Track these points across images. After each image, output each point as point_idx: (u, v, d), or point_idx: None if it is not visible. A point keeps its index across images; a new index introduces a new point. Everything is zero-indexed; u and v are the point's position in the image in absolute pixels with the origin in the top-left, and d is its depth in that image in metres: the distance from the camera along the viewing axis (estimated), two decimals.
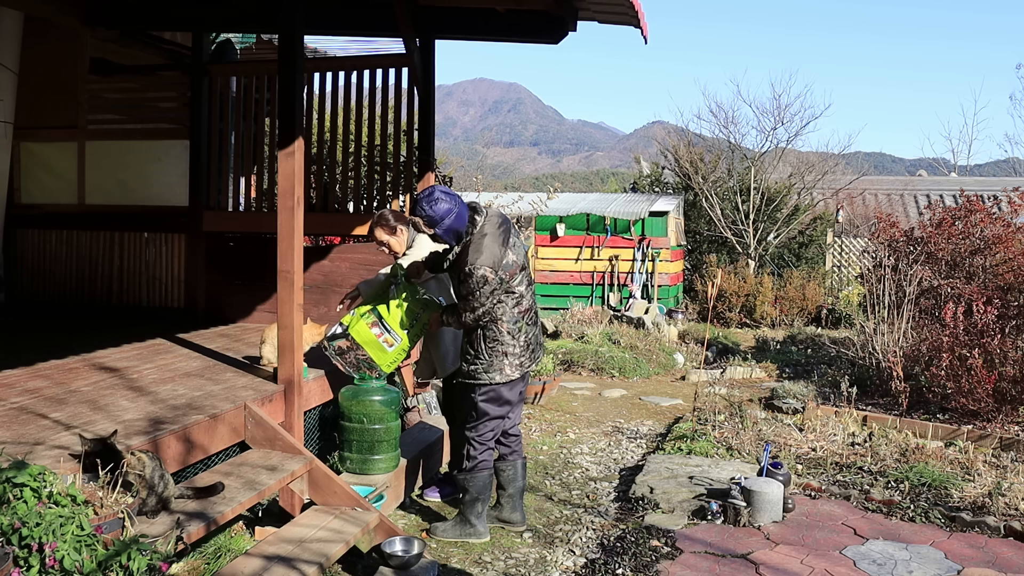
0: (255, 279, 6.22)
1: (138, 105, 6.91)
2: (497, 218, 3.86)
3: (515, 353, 3.87)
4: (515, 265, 3.82)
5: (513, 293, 3.83)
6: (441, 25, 5.73)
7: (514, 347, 3.86)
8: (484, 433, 3.99)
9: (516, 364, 3.88)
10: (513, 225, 4.00)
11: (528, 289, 3.91)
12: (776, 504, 4.20)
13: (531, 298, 3.94)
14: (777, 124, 16.45)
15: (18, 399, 3.69)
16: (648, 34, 4.24)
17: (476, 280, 3.68)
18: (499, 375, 3.87)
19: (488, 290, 3.71)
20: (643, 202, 14.06)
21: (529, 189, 22.57)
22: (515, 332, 3.85)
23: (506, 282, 3.78)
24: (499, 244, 3.76)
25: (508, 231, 3.85)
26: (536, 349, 3.99)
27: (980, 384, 5.74)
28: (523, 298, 3.87)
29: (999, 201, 8.32)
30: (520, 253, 3.89)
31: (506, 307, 3.82)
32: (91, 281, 6.64)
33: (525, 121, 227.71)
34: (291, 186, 4.09)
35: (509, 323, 3.83)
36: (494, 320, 3.82)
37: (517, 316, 3.85)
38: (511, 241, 3.83)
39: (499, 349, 3.85)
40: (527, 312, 3.90)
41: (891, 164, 73.15)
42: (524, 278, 3.89)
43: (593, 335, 10.08)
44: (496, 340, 3.84)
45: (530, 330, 3.93)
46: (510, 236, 3.85)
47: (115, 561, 2.37)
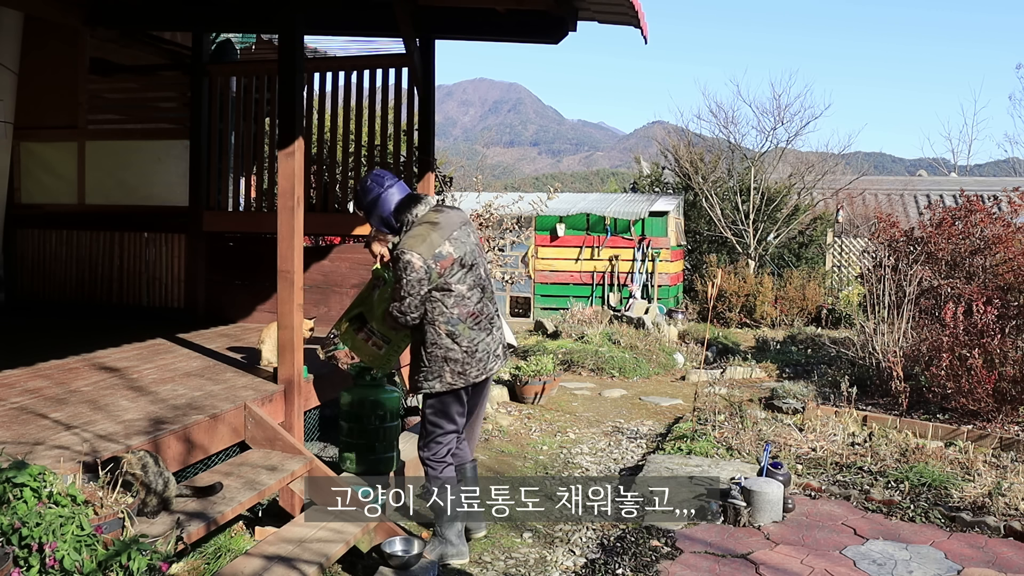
0: (255, 279, 6.23)
1: (138, 105, 6.91)
2: (442, 209, 3.71)
3: (455, 359, 3.58)
4: (449, 257, 3.54)
5: (450, 291, 3.57)
6: (441, 25, 5.73)
7: (454, 352, 3.58)
8: (437, 451, 3.72)
9: (458, 372, 3.59)
10: (469, 223, 3.75)
11: (475, 291, 3.64)
12: (776, 504, 4.20)
13: (481, 303, 3.67)
14: (777, 124, 16.46)
15: (18, 399, 3.69)
16: (648, 34, 4.23)
17: (402, 265, 3.49)
18: (439, 383, 3.59)
19: (415, 278, 3.49)
20: (643, 202, 14.06)
21: (529, 189, 22.57)
22: (455, 335, 3.57)
23: (440, 275, 3.54)
24: (436, 233, 3.56)
25: (454, 224, 3.65)
26: (488, 359, 3.68)
27: (980, 384, 5.74)
28: (465, 299, 3.60)
29: (999, 201, 8.32)
30: (463, 249, 3.62)
31: (443, 306, 3.56)
32: (91, 281, 6.64)
33: (525, 121, 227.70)
34: (291, 186, 4.09)
35: (447, 325, 3.56)
36: (432, 322, 3.58)
37: (458, 318, 3.58)
38: (454, 234, 3.61)
39: (438, 354, 3.58)
40: (474, 316, 3.62)
41: (891, 164, 73.13)
42: (467, 277, 3.62)
43: (593, 335, 10.08)
44: (435, 344, 3.58)
45: (477, 336, 3.62)
46: (455, 230, 3.63)
47: (115, 561, 2.37)
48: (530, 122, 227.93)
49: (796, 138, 17.51)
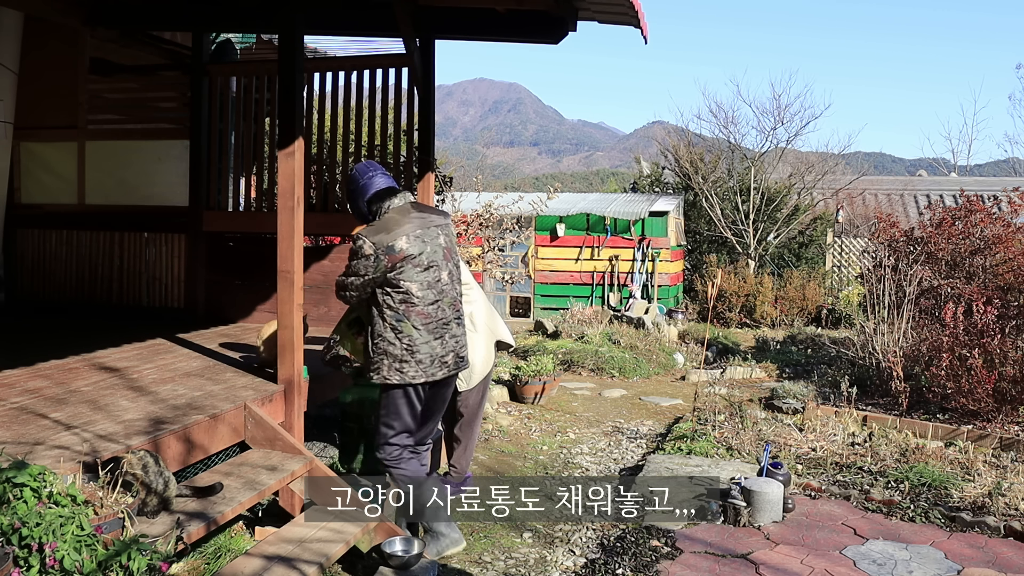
0: (255, 279, 6.23)
1: (138, 105, 6.91)
2: (420, 207, 3.72)
3: (394, 355, 3.58)
4: (401, 252, 3.54)
5: (399, 287, 3.57)
6: (441, 25, 5.73)
7: (394, 347, 3.59)
8: (391, 452, 3.73)
9: (395, 368, 3.59)
10: (444, 227, 3.73)
11: (428, 293, 3.62)
12: (776, 504, 4.20)
13: (435, 306, 3.64)
14: (777, 124, 16.46)
15: (18, 399, 3.69)
16: (648, 34, 4.23)
17: (354, 248, 3.59)
18: (377, 375, 3.63)
19: (361, 264, 3.55)
20: (643, 202, 14.06)
21: (529, 189, 22.56)
22: (399, 331, 3.58)
23: (389, 269, 3.55)
24: (396, 227, 3.58)
25: (422, 223, 3.64)
26: (432, 364, 3.63)
27: (980, 384, 5.74)
28: (415, 298, 3.58)
29: (999, 201, 8.32)
30: (422, 249, 3.60)
31: (391, 300, 3.59)
32: (91, 281, 6.64)
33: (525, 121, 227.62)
34: (291, 186, 4.09)
35: (393, 319, 3.58)
36: (380, 313, 3.61)
37: (403, 315, 3.58)
38: (416, 232, 3.60)
39: (381, 346, 3.61)
40: (424, 317, 3.60)
41: (891, 164, 73.08)
42: (421, 277, 3.60)
43: (593, 335, 10.08)
44: (380, 336, 3.62)
45: (422, 338, 3.60)
46: (420, 229, 3.62)
47: (115, 561, 2.37)
48: (530, 122, 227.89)
49: (796, 138, 17.51)
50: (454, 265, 3.81)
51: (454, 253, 3.82)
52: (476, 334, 4.50)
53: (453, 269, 3.80)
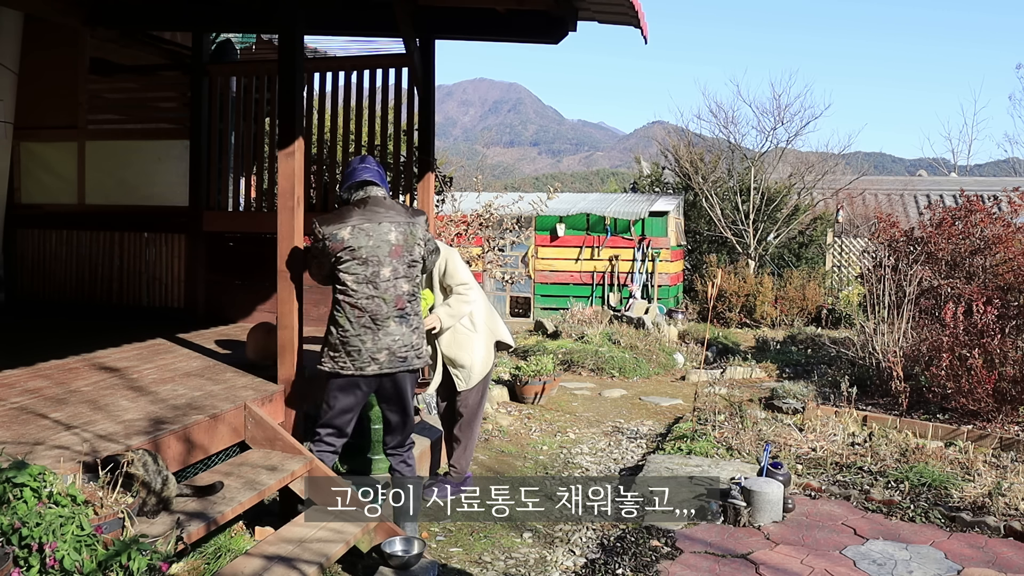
0: (255, 279, 6.22)
1: (138, 105, 6.91)
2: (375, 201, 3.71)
3: (331, 344, 3.69)
4: (342, 242, 3.61)
5: (339, 279, 3.66)
6: (441, 25, 5.72)
7: (332, 336, 3.69)
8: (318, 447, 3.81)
9: (330, 356, 3.69)
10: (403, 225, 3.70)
11: (363, 287, 3.63)
12: (776, 504, 4.20)
13: (371, 301, 3.63)
14: (777, 124, 16.46)
15: (18, 399, 3.69)
16: (648, 34, 4.23)
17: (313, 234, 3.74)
18: (319, 360, 3.76)
19: (315, 248, 3.71)
20: (643, 202, 14.06)
21: (529, 189, 22.56)
22: (336, 321, 3.67)
23: (332, 256, 3.64)
24: (346, 216, 3.67)
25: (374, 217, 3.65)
26: (360, 359, 3.64)
27: (980, 384, 5.74)
28: (350, 290, 3.63)
29: (999, 201, 8.32)
30: (364, 243, 3.62)
31: (335, 290, 3.70)
32: (91, 281, 6.64)
33: (525, 121, 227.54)
34: (291, 186, 4.10)
35: (334, 309, 3.69)
36: (333, 302, 3.71)
37: (340, 305, 3.65)
38: (364, 226, 3.63)
39: (326, 333, 3.74)
40: (357, 311, 3.63)
41: (891, 164, 73.06)
42: (358, 270, 3.62)
43: (593, 335, 10.08)
44: (328, 323, 3.74)
45: (353, 331, 3.63)
46: (370, 223, 3.64)
47: (115, 561, 2.37)
48: (530, 122, 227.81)
49: (796, 138, 17.51)
50: (405, 264, 3.70)
51: (408, 251, 3.71)
52: (475, 334, 4.51)
53: (401, 267, 3.69)
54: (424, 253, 3.82)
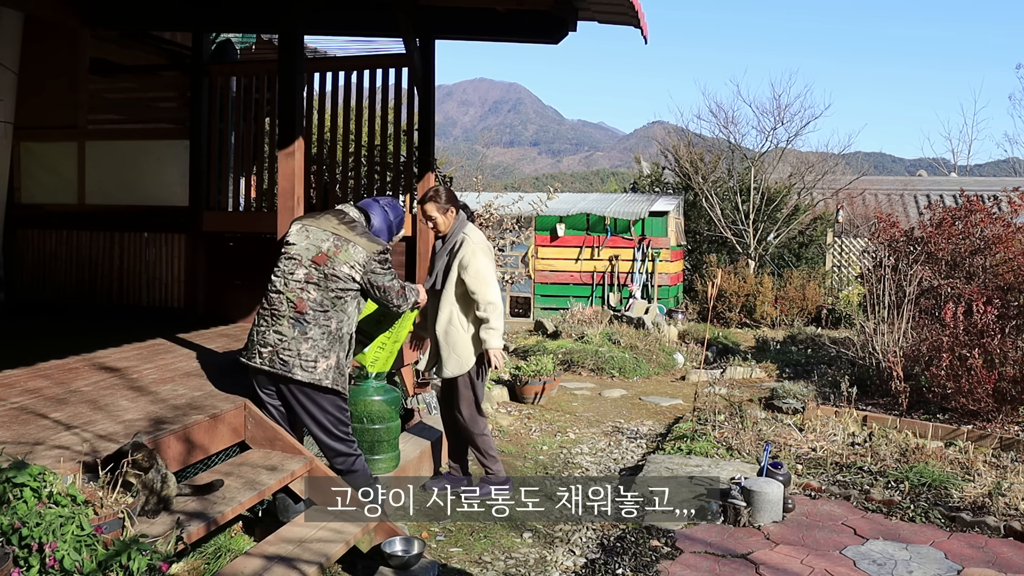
0: (255, 279, 6.19)
1: (138, 105, 6.92)
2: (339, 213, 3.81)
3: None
4: (287, 236, 3.74)
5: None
6: (441, 25, 5.73)
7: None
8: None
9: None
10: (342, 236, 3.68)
11: (275, 280, 3.67)
12: (776, 504, 4.20)
13: (275, 295, 3.66)
14: (777, 124, 16.47)
15: (18, 399, 3.69)
16: (648, 34, 4.23)
17: None
18: None
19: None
20: (643, 202, 14.06)
21: (529, 189, 22.56)
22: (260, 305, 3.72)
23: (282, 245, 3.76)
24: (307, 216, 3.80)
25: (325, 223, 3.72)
26: (251, 348, 3.69)
27: (980, 384, 5.74)
28: (269, 281, 3.71)
29: (999, 201, 8.32)
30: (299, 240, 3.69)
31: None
32: (91, 281, 6.64)
33: (525, 121, 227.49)
34: (291, 186, 4.10)
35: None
36: None
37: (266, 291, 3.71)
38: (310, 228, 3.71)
39: None
40: (264, 301, 3.70)
41: (891, 164, 73.04)
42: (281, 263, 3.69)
43: (593, 335, 10.08)
44: None
45: (256, 319, 3.72)
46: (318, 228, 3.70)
47: (115, 561, 2.37)
48: (530, 122, 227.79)
49: (796, 138, 17.53)
50: (322, 274, 3.62)
51: (333, 265, 3.62)
52: (466, 334, 4.48)
53: (316, 274, 3.62)
54: (361, 280, 3.66)
